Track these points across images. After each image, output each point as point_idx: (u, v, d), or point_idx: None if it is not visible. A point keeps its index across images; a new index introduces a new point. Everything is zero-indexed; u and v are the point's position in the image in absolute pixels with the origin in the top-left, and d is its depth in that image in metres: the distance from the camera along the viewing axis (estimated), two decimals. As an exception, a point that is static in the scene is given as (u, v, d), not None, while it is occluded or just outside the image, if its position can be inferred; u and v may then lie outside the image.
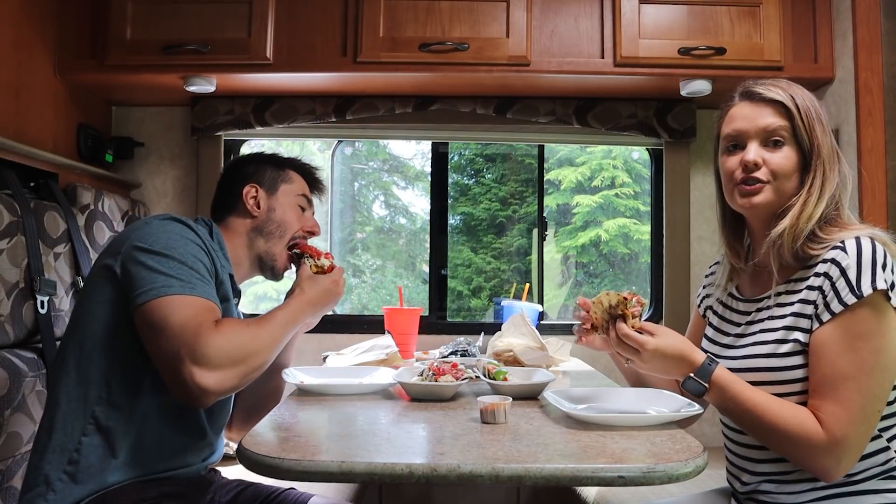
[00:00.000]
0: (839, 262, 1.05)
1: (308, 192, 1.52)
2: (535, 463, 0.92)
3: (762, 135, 1.15)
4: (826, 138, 1.13)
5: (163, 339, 1.10)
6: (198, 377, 1.07)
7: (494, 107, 2.34)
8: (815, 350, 1.06)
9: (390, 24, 2.06)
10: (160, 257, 1.16)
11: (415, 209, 4.97)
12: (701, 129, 2.41)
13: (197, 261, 1.20)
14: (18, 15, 1.88)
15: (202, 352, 1.08)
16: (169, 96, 2.32)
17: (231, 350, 1.11)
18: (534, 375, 1.52)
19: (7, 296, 1.55)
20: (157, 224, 1.23)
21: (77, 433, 1.16)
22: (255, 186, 1.45)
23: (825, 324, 1.05)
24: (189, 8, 2.06)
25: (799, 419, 1.03)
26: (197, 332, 1.09)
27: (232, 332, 1.13)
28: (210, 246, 1.28)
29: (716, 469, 1.84)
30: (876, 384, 1.02)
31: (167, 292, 1.12)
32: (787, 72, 2.06)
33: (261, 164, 1.49)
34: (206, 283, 1.20)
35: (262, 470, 0.94)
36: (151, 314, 1.12)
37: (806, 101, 1.14)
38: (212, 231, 1.39)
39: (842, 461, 1.02)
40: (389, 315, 2.15)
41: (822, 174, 1.12)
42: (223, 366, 1.10)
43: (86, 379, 1.18)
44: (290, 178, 1.49)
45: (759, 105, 1.16)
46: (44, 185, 1.88)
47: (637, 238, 4.90)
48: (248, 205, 1.43)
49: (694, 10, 2.08)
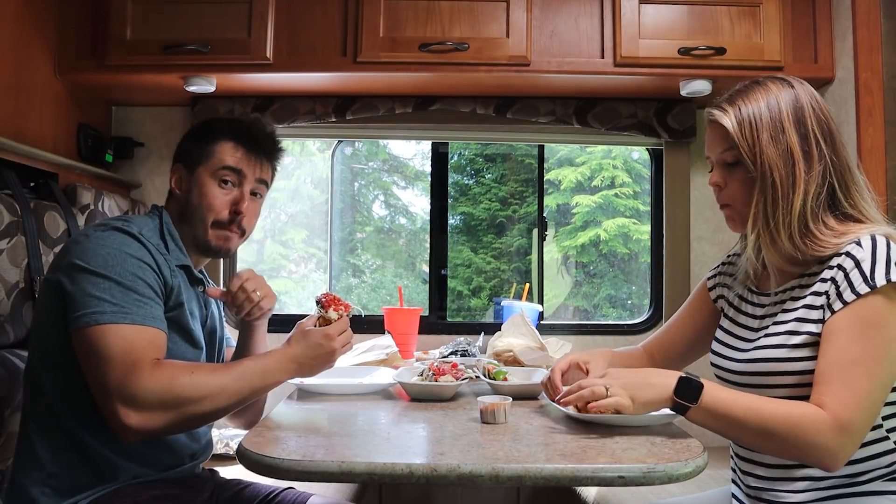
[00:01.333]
0: (854, 254, 1.06)
1: (236, 161, 1.32)
2: (535, 463, 0.92)
3: (720, 159, 1.19)
4: (777, 147, 1.11)
5: (94, 369, 1.07)
6: (122, 415, 1.04)
7: (494, 107, 2.34)
8: (826, 336, 1.06)
9: (390, 24, 2.06)
10: (96, 277, 1.11)
11: (415, 209, 4.97)
12: (701, 129, 2.41)
13: (136, 279, 1.13)
14: (18, 15, 1.88)
15: (131, 392, 1.04)
16: (169, 96, 2.31)
17: (162, 394, 1.06)
18: (534, 375, 1.52)
19: (7, 296, 1.55)
20: (97, 238, 1.16)
21: (52, 449, 1.14)
22: (180, 165, 1.35)
23: (837, 312, 1.05)
24: (189, 8, 2.05)
25: (801, 407, 1.02)
26: (129, 371, 1.05)
27: (168, 376, 1.07)
28: (157, 250, 1.21)
29: (716, 469, 1.84)
30: (885, 373, 1.02)
31: (99, 320, 1.08)
32: (786, 72, 2.05)
33: (188, 139, 1.38)
34: (146, 303, 1.13)
35: (261, 470, 0.94)
36: (84, 342, 1.08)
37: (753, 113, 1.13)
38: (162, 221, 1.31)
39: (846, 446, 1.01)
40: (389, 315, 2.15)
41: (774, 186, 1.10)
42: (151, 408, 1.05)
43: (53, 394, 1.15)
44: (212, 150, 1.32)
45: (712, 128, 1.20)
46: (44, 185, 1.88)
47: (637, 238, 4.90)
48: (173, 187, 1.35)
49: (694, 10, 2.08)
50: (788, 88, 1.15)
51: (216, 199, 1.31)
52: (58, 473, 1.13)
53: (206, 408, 1.10)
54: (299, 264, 4.97)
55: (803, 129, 1.12)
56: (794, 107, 1.13)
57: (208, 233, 1.31)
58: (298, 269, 4.94)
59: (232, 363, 1.18)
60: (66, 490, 1.13)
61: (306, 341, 1.22)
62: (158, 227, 1.29)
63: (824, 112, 1.14)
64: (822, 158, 1.11)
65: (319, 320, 1.26)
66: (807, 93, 1.15)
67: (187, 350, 1.26)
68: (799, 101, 1.13)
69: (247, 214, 1.33)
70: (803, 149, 1.11)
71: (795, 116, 1.13)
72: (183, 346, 1.25)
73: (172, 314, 1.21)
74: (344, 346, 1.26)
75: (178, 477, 1.28)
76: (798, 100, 1.14)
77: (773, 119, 1.12)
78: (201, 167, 1.32)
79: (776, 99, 1.14)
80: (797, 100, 1.14)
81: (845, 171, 1.13)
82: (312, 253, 4.93)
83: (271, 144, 1.39)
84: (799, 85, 1.16)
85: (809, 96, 1.15)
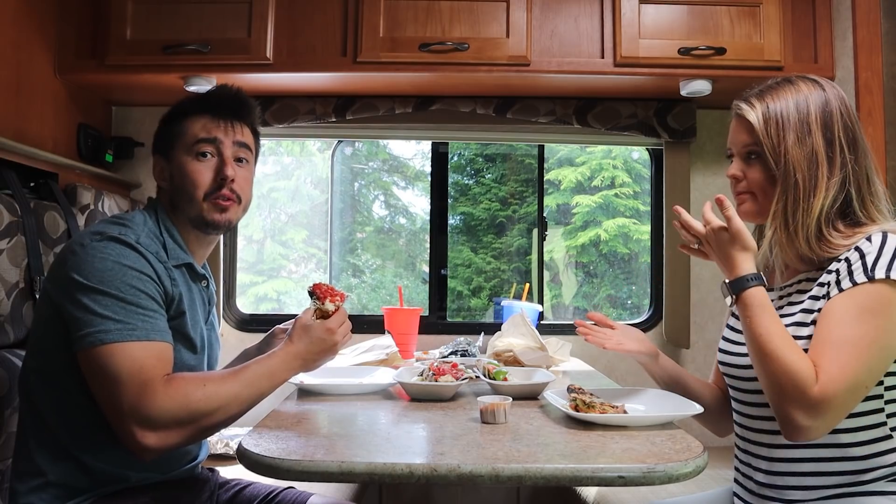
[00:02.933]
0: (861, 248, 1.07)
1: (207, 130, 1.28)
2: (535, 463, 0.92)
3: (741, 151, 1.19)
4: (802, 149, 1.12)
5: (104, 391, 1.05)
6: (139, 436, 1.03)
7: (494, 107, 2.34)
8: (821, 317, 1.07)
9: (390, 25, 2.06)
10: (96, 294, 1.07)
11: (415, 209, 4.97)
12: (701, 129, 2.41)
13: (137, 292, 1.10)
14: (18, 15, 1.88)
15: (145, 413, 1.02)
16: (169, 96, 2.29)
17: (178, 412, 1.04)
18: (534, 375, 1.52)
19: (7, 296, 1.55)
20: (94, 250, 1.11)
21: (49, 458, 1.13)
22: (158, 156, 1.32)
23: (833, 297, 1.06)
24: (189, 8, 2.06)
25: (805, 364, 1.02)
26: (141, 391, 1.03)
27: (182, 392, 1.05)
28: (157, 258, 1.18)
29: (716, 469, 1.84)
30: (874, 358, 1.02)
31: (105, 339, 1.05)
32: (787, 72, 2.05)
33: (159, 128, 1.34)
34: (150, 317, 1.11)
35: (262, 470, 0.94)
36: (92, 362, 1.06)
37: (781, 112, 1.14)
38: (158, 218, 1.27)
39: (819, 422, 1.00)
40: (389, 315, 2.15)
41: (796, 186, 1.12)
42: (168, 427, 1.04)
43: (47, 407, 1.15)
44: (181, 129, 1.29)
45: (738, 121, 1.21)
46: (44, 185, 1.88)
47: (637, 238, 4.90)
48: (157, 179, 1.32)
49: (694, 10, 2.08)
50: (819, 90, 1.15)
51: (198, 173, 1.26)
52: (55, 481, 1.13)
53: (219, 418, 1.10)
54: (299, 264, 4.97)
55: (829, 135, 1.13)
56: (824, 111, 1.13)
57: (202, 207, 1.26)
58: (298, 269, 4.94)
59: (238, 369, 1.16)
60: (65, 496, 1.13)
61: (309, 337, 1.21)
62: (155, 224, 1.26)
63: (851, 118, 1.15)
64: (844, 166, 1.12)
65: (316, 312, 1.25)
66: (837, 97, 1.15)
67: (189, 357, 1.24)
68: (829, 106, 1.14)
69: (236, 180, 1.28)
70: (828, 154, 1.12)
71: (823, 120, 1.13)
72: (185, 354, 1.23)
73: (173, 323, 1.19)
74: (344, 336, 1.25)
75: (177, 478, 1.28)
76: (828, 104, 1.14)
77: (800, 120, 1.13)
78: (176, 150, 1.28)
79: (806, 100, 1.14)
80: (827, 104, 1.14)
81: (864, 180, 1.14)
82: (312, 253, 4.93)
83: (239, 104, 1.33)
84: (830, 88, 1.16)
85: (839, 101, 1.15)
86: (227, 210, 1.28)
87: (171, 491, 1.23)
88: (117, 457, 1.16)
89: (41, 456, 1.13)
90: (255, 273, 4.70)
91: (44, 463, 1.13)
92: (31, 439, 1.15)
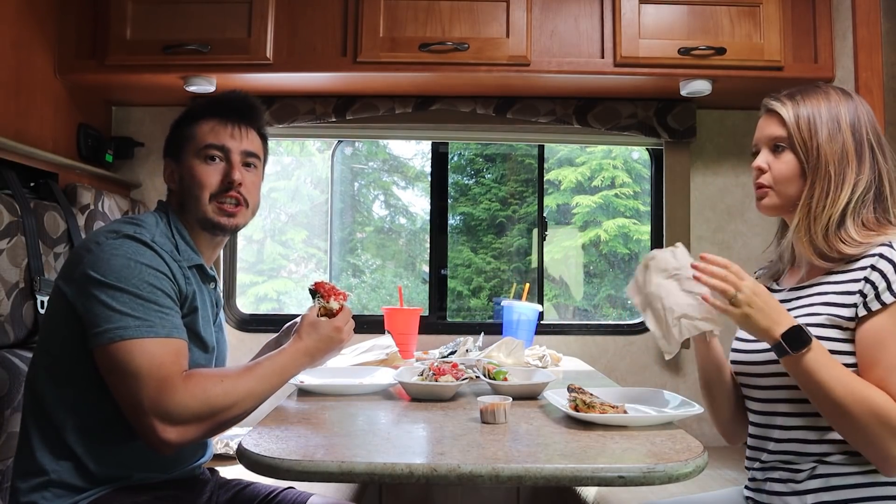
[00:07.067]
0: (888, 256, 1.08)
1: (216, 136, 1.29)
2: (535, 463, 0.92)
3: (769, 143, 1.22)
4: (832, 145, 1.16)
5: (124, 386, 1.07)
6: (160, 431, 1.05)
7: (494, 107, 2.34)
8: (872, 340, 1.07)
9: (390, 24, 2.06)
10: (114, 291, 1.09)
11: (415, 209, 4.97)
12: (701, 129, 2.41)
13: (154, 289, 1.12)
14: (18, 15, 1.88)
15: (165, 408, 1.05)
16: (169, 96, 2.31)
17: (197, 407, 1.07)
18: (534, 375, 1.52)
19: (7, 296, 1.55)
20: (110, 247, 1.13)
21: (52, 456, 1.13)
22: (168, 159, 1.34)
23: (876, 313, 1.07)
24: (189, 8, 2.06)
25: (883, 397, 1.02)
26: (161, 387, 1.05)
27: (201, 388, 1.08)
28: (171, 257, 1.20)
29: (716, 469, 1.84)
30: None
31: (124, 335, 1.07)
32: (786, 72, 2.06)
33: (170, 131, 1.36)
34: (167, 314, 1.13)
35: (262, 470, 0.94)
36: (110, 358, 1.07)
37: (813, 111, 1.17)
38: (169, 220, 1.29)
39: None
40: (389, 315, 2.15)
41: (828, 178, 1.15)
42: (187, 422, 1.07)
43: (57, 406, 1.15)
44: (192, 132, 1.31)
45: (768, 116, 1.24)
46: (44, 185, 1.88)
47: (637, 238, 4.89)
48: (167, 182, 1.34)
49: (694, 10, 2.08)
50: (849, 99, 1.20)
51: (206, 175, 1.28)
52: (57, 480, 1.13)
53: (235, 413, 1.13)
54: (299, 264, 4.97)
55: (858, 136, 1.17)
56: (853, 115, 1.18)
57: (208, 208, 1.28)
58: (298, 269, 4.94)
59: (252, 365, 1.19)
60: (66, 494, 1.13)
61: (317, 334, 1.26)
62: (167, 225, 1.27)
63: (877, 127, 1.20)
64: (873, 166, 1.16)
65: (321, 310, 1.29)
66: (866, 108, 1.20)
67: (200, 355, 1.26)
68: (857, 112, 1.19)
69: (244, 184, 1.30)
70: (857, 151, 1.16)
71: (851, 122, 1.18)
72: (196, 353, 1.24)
73: (186, 321, 1.21)
74: (349, 335, 1.31)
75: (179, 478, 1.28)
76: (857, 109, 1.19)
77: (831, 118, 1.17)
78: (186, 153, 1.30)
79: (836, 104, 1.19)
80: (856, 109, 1.19)
81: (892, 181, 1.17)
82: (312, 253, 4.93)
83: (249, 110, 1.35)
84: (859, 99, 1.22)
85: (867, 111, 1.20)
86: (234, 215, 1.31)
87: (172, 490, 1.23)
88: (122, 455, 1.17)
89: (43, 454, 1.14)
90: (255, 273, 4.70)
91: (46, 461, 1.13)
92: (33, 438, 1.15)
